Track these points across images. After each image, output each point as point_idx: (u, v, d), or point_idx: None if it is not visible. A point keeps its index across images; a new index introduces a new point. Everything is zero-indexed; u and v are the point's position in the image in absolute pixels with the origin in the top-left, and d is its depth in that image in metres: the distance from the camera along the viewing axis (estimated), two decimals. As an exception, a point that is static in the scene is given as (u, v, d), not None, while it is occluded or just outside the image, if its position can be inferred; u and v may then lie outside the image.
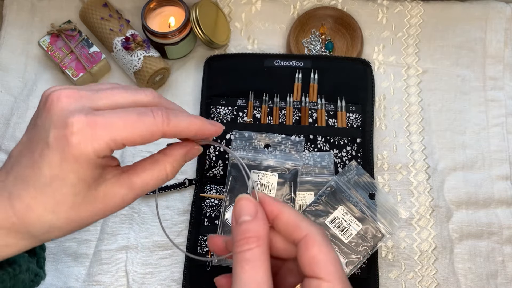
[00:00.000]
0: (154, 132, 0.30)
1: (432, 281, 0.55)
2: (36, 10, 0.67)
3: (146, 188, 0.32)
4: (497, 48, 0.65)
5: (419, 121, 0.62)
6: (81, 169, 0.29)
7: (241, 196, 0.31)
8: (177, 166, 0.34)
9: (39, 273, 0.42)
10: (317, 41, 0.66)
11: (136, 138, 0.30)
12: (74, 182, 0.29)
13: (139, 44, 0.60)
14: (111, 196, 0.31)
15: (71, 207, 0.29)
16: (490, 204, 0.58)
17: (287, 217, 0.30)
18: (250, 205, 0.30)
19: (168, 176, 0.33)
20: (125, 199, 0.32)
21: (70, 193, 0.29)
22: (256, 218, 0.30)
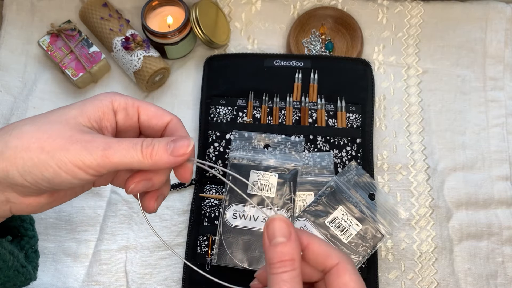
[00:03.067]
0: (166, 114, 0.36)
1: (432, 281, 0.54)
2: (36, 10, 0.67)
3: (118, 144, 0.32)
4: (497, 48, 0.65)
5: (419, 122, 0.62)
6: (89, 101, 0.34)
7: (275, 217, 0.32)
8: (155, 142, 0.34)
9: (27, 266, 0.42)
10: (317, 41, 0.66)
11: (150, 109, 0.36)
12: (76, 106, 0.33)
13: (139, 44, 0.60)
14: (88, 135, 0.32)
15: (61, 145, 0.31)
16: (490, 205, 0.58)
17: (318, 247, 0.32)
18: (284, 227, 0.31)
19: (138, 143, 0.33)
20: (95, 140, 0.32)
21: (66, 112, 0.33)
22: (290, 240, 0.31)
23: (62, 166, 0.31)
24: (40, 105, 0.62)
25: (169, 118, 0.36)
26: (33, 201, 0.34)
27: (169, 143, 0.33)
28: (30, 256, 0.45)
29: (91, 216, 0.57)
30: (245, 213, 0.53)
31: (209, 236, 0.55)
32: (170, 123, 0.36)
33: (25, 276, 0.42)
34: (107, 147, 0.32)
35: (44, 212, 0.57)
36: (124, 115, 0.35)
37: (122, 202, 0.58)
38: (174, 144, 0.33)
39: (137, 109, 0.36)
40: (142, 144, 0.33)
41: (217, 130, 0.59)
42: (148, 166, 0.33)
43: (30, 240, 0.45)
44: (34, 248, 0.46)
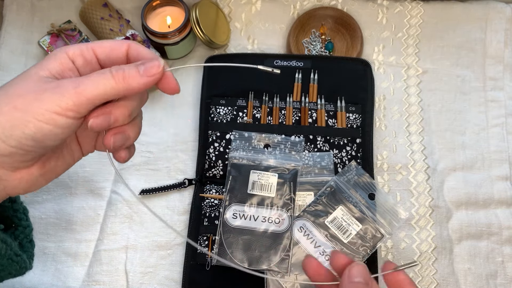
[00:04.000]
0: (121, 44, 0.35)
1: (432, 281, 0.55)
2: (36, 10, 0.67)
3: (87, 78, 0.32)
4: (497, 48, 0.65)
5: (419, 122, 0.62)
6: (47, 58, 0.34)
7: (359, 263, 0.36)
8: (124, 67, 0.33)
9: (21, 255, 0.42)
10: (317, 41, 0.66)
11: (105, 45, 0.35)
12: (37, 65, 0.33)
13: (139, 44, 0.60)
14: (55, 82, 0.32)
15: (32, 98, 0.31)
16: (490, 205, 0.58)
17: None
18: (365, 272, 0.36)
19: (107, 71, 0.33)
20: (64, 83, 0.32)
21: (28, 72, 0.33)
22: (367, 285, 0.35)
23: (40, 117, 0.31)
24: (40, 105, 0.62)
25: (126, 46, 0.35)
26: (25, 174, 0.34)
27: (139, 66, 0.33)
28: (25, 246, 0.44)
29: (91, 216, 0.57)
30: (245, 213, 0.53)
31: (209, 236, 0.55)
32: (130, 50, 0.35)
33: (20, 264, 0.42)
34: (76, 84, 0.31)
35: (44, 212, 0.57)
36: (82, 61, 0.35)
37: (122, 202, 0.58)
38: (144, 65, 0.33)
39: (92, 50, 0.35)
40: (111, 70, 0.32)
41: (217, 130, 0.59)
42: (123, 91, 0.32)
43: (25, 230, 0.45)
44: (29, 238, 0.45)
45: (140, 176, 0.59)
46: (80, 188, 0.58)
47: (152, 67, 0.33)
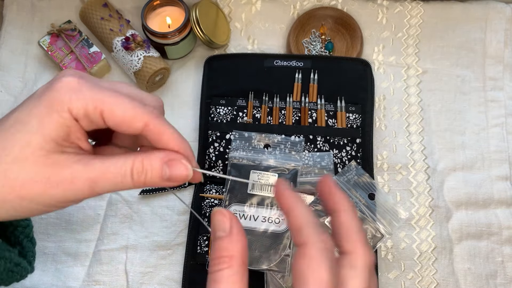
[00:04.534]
0: (137, 117, 0.29)
1: (432, 281, 0.55)
2: (36, 10, 0.67)
3: (104, 176, 0.29)
4: (497, 48, 0.65)
5: (419, 122, 0.62)
6: (47, 118, 0.28)
7: (216, 210, 0.29)
8: (147, 168, 0.29)
9: (21, 263, 0.40)
10: (317, 41, 0.66)
11: (116, 113, 0.28)
12: (34, 128, 0.27)
13: (139, 44, 0.60)
14: (67, 169, 0.28)
15: (41, 191, 0.28)
16: (490, 205, 0.58)
17: (295, 217, 0.29)
18: (223, 220, 0.29)
19: (128, 174, 0.29)
20: (78, 178, 0.28)
21: (28, 142, 0.27)
22: (231, 234, 0.28)
23: (51, 206, 0.29)
24: (40, 105, 0.62)
25: (142, 123, 0.29)
26: None
27: (164, 168, 0.29)
28: (26, 246, 0.43)
29: (91, 216, 0.57)
30: (245, 213, 0.53)
31: (209, 236, 0.55)
32: (149, 129, 0.29)
33: (20, 273, 0.40)
34: (93, 185, 0.28)
35: (45, 212, 0.57)
36: (87, 123, 0.29)
37: (122, 202, 0.58)
38: (170, 170, 0.29)
39: (100, 114, 0.29)
40: (133, 173, 0.29)
41: (217, 130, 0.59)
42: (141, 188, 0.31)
43: (24, 229, 0.43)
44: (29, 237, 0.43)
45: (140, 176, 0.59)
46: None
47: (179, 177, 0.29)
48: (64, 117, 0.28)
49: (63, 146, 0.29)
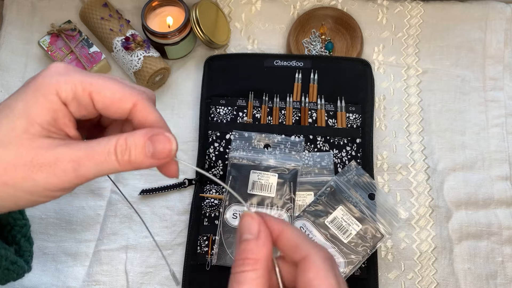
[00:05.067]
0: (126, 98, 0.29)
1: (432, 281, 0.55)
2: (36, 10, 0.67)
3: (88, 157, 0.28)
4: (497, 48, 0.65)
5: (419, 122, 0.62)
6: (33, 101, 0.28)
7: (246, 213, 0.29)
8: (131, 145, 0.29)
9: (18, 261, 0.40)
10: (317, 41, 0.66)
11: (105, 94, 0.28)
12: (20, 112, 0.27)
13: (139, 44, 0.60)
14: (50, 152, 0.28)
15: (24, 176, 0.27)
16: (490, 205, 0.58)
17: (288, 236, 0.29)
18: (252, 223, 0.29)
19: (112, 152, 0.28)
20: (61, 160, 0.28)
21: (12, 126, 0.27)
22: (258, 238, 0.28)
23: (35, 194, 0.28)
24: (40, 105, 0.62)
25: (131, 104, 0.29)
26: None
27: (147, 145, 0.29)
28: (23, 246, 0.42)
29: (91, 216, 0.57)
30: (245, 213, 0.53)
31: (209, 236, 0.55)
32: (136, 109, 0.30)
33: (17, 272, 0.40)
34: (77, 166, 0.28)
35: (44, 212, 0.57)
36: (76, 107, 0.29)
37: (122, 202, 0.58)
38: (154, 145, 0.29)
39: (89, 95, 0.29)
40: (116, 152, 0.28)
41: (217, 130, 0.59)
42: (128, 170, 0.29)
43: (21, 229, 0.42)
44: (26, 236, 0.43)
45: (140, 176, 0.59)
46: (80, 188, 0.58)
47: (163, 149, 0.29)
48: (51, 100, 0.28)
49: (50, 131, 0.29)
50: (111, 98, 0.29)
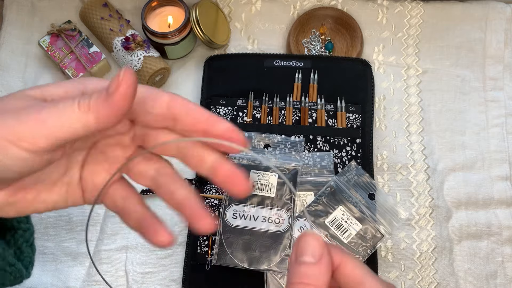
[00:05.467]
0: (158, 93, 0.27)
1: (432, 281, 0.55)
2: (36, 10, 0.67)
3: (54, 118, 0.25)
4: (497, 48, 0.65)
5: (419, 122, 0.62)
6: None
7: (308, 232, 0.27)
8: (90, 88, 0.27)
9: (16, 264, 0.38)
10: (317, 41, 0.66)
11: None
12: None
13: (139, 44, 0.60)
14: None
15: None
16: (490, 205, 0.58)
17: (351, 270, 0.26)
18: (316, 246, 0.26)
19: (76, 109, 0.25)
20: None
21: None
22: (320, 263, 0.26)
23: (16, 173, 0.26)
24: (40, 105, 0.62)
25: (168, 96, 0.27)
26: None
27: (104, 82, 0.27)
28: (24, 252, 0.40)
29: (91, 216, 0.57)
30: (245, 213, 0.53)
31: (209, 236, 0.55)
32: (173, 105, 0.27)
33: (14, 274, 0.38)
34: (40, 109, 0.25)
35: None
36: None
37: (122, 202, 0.58)
38: (111, 82, 0.25)
39: None
40: (79, 99, 0.25)
41: (217, 130, 0.59)
42: (93, 125, 0.25)
43: (24, 233, 0.40)
44: (29, 242, 0.41)
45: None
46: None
47: (115, 78, 0.24)
48: (73, 86, 0.28)
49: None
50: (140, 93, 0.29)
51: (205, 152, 0.29)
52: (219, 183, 0.29)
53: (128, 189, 0.32)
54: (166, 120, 0.28)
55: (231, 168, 0.29)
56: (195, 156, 0.30)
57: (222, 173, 0.29)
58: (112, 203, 0.33)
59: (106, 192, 0.32)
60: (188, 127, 0.28)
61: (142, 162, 0.31)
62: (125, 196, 0.32)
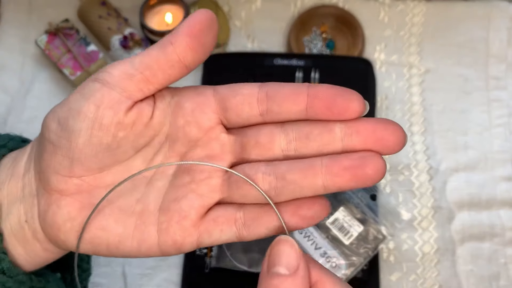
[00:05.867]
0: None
1: (434, 283, 0.54)
2: (33, 8, 0.67)
3: None
4: (500, 47, 0.64)
5: (421, 121, 0.61)
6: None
7: (283, 239, 0.23)
8: None
9: None
10: (318, 40, 0.65)
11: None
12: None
13: (137, 43, 0.60)
14: None
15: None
16: (493, 205, 0.57)
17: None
18: (292, 255, 0.22)
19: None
20: None
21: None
22: (295, 275, 0.22)
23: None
24: (37, 105, 0.62)
25: (306, 93, 0.24)
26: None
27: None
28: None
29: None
30: (245, 214, 0.53)
31: (208, 238, 0.54)
32: (312, 104, 0.24)
33: None
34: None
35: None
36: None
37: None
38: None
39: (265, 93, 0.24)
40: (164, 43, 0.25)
41: (217, 130, 0.58)
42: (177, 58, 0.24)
43: (83, 273, 0.36)
44: (84, 283, 0.36)
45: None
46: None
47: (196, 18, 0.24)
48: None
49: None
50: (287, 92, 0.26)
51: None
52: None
53: (230, 213, 0.26)
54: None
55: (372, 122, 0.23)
56: None
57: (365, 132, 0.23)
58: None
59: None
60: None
61: None
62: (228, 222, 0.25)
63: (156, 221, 0.25)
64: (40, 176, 0.25)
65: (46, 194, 0.25)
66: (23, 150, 0.28)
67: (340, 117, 0.23)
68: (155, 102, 0.25)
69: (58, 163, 0.24)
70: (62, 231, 0.25)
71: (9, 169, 0.27)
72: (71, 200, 0.25)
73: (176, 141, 0.26)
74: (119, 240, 0.25)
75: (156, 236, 0.25)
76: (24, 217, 0.26)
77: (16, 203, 0.26)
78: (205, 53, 0.25)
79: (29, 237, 0.26)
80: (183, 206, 0.25)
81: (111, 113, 0.23)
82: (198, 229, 0.25)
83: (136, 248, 0.25)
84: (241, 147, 0.25)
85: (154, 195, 0.25)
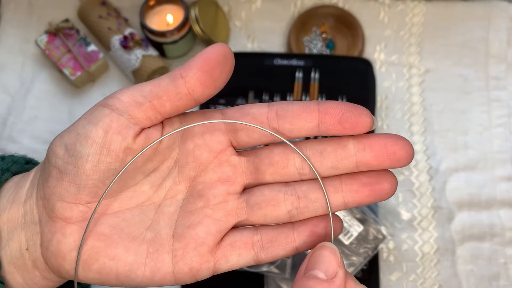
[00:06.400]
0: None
1: (434, 283, 0.54)
2: (34, 8, 0.67)
3: None
4: (500, 47, 0.64)
5: (421, 121, 0.61)
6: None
7: (327, 245, 0.23)
8: None
9: None
10: (318, 40, 0.65)
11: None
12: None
13: (137, 43, 0.59)
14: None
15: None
16: (493, 206, 0.57)
17: None
18: (332, 262, 0.22)
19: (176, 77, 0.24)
20: None
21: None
22: (332, 282, 0.22)
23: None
24: (37, 105, 0.62)
25: (317, 111, 0.24)
26: None
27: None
28: None
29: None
30: (245, 214, 0.53)
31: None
32: (324, 120, 0.24)
33: None
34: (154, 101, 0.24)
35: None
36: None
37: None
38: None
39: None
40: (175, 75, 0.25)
41: (217, 130, 0.58)
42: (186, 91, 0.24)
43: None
44: None
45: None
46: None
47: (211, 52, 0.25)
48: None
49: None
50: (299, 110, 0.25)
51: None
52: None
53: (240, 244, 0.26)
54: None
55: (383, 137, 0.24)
56: None
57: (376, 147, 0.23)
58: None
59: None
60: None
61: None
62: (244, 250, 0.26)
63: (170, 249, 0.24)
64: (44, 203, 0.24)
65: (51, 222, 0.24)
66: (26, 176, 0.27)
67: (352, 131, 0.23)
68: (163, 127, 0.25)
69: (64, 189, 0.24)
70: (67, 260, 0.24)
71: (11, 195, 0.26)
72: (76, 228, 0.24)
73: (186, 165, 0.25)
74: (129, 269, 0.24)
75: (171, 264, 0.24)
76: (26, 245, 0.25)
77: (17, 230, 0.25)
78: (216, 89, 0.26)
79: (29, 266, 0.26)
80: (199, 233, 0.24)
81: (119, 138, 0.23)
82: (215, 255, 0.25)
83: (149, 277, 0.24)
84: (254, 168, 0.25)
85: (165, 222, 0.25)
